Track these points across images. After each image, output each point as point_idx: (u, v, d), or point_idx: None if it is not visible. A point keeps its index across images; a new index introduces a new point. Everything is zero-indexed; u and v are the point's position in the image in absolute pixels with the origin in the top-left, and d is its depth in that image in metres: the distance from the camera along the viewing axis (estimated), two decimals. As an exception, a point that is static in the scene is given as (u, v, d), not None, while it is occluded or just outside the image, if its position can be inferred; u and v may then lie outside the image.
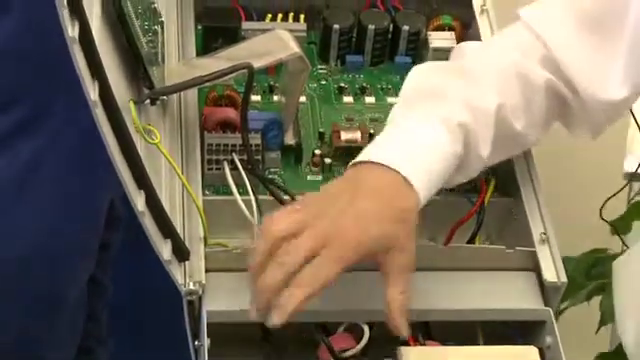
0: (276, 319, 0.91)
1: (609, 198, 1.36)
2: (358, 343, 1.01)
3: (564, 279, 1.04)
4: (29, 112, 1.06)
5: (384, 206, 0.92)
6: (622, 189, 1.44)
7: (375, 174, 0.94)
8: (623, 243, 1.51)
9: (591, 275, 1.38)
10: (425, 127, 0.98)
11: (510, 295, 1.03)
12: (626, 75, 1.02)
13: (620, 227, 1.51)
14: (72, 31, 0.87)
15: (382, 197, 0.93)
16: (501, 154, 1.05)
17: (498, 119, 1.00)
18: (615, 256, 1.48)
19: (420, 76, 1.04)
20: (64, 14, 0.86)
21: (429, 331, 1.04)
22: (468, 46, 1.08)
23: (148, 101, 1.01)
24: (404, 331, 0.93)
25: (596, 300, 1.46)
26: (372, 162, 0.95)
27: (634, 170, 1.40)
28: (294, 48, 1.07)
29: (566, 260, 1.07)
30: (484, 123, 1.00)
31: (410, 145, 0.97)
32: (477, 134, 0.99)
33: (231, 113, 1.09)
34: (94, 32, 0.90)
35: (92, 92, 0.90)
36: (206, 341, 0.98)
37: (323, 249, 0.90)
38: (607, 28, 1.02)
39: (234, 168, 1.08)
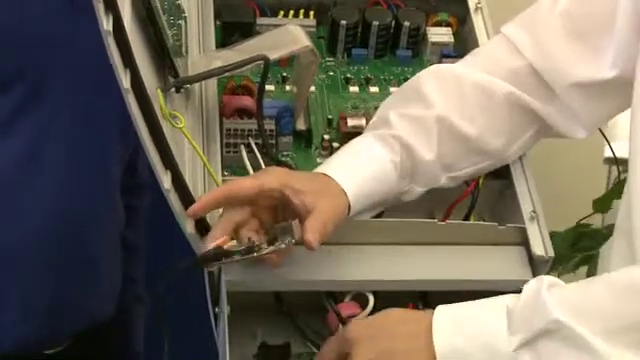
0: None
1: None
2: (363, 310, 1.01)
3: (551, 253, 1.04)
4: (29, 91, 1.05)
5: None
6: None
7: (326, 180, 1.00)
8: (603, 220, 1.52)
9: (576, 248, 1.38)
10: (363, 143, 1.03)
11: (502, 267, 1.04)
12: (615, 58, 1.00)
13: (601, 205, 1.52)
14: (107, 25, 0.87)
15: None
16: (462, 160, 1.05)
17: (441, 127, 1.03)
18: (597, 230, 1.50)
19: (382, 104, 1.08)
20: (99, 8, 0.86)
21: (428, 300, 1.04)
22: (443, 68, 1.08)
23: (173, 89, 1.01)
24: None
25: (582, 270, 1.47)
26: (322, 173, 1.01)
27: (613, 156, 1.41)
28: (305, 42, 1.07)
29: (554, 235, 1.07)
30: (423, 132, 1.03)
31: (346, 157, 1.03)
32: (416, 141, 1.02)
33: (247, 101, 1.09)
34: (126, 26, 0.89)
35: (124, 80, 0.90)
36: (226, 308, 0.99)
37: None
38: (595, 29, 1.02)
39: (250, 151, 1.08)
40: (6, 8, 1.02)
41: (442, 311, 0.91)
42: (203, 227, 0.98)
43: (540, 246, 1.04)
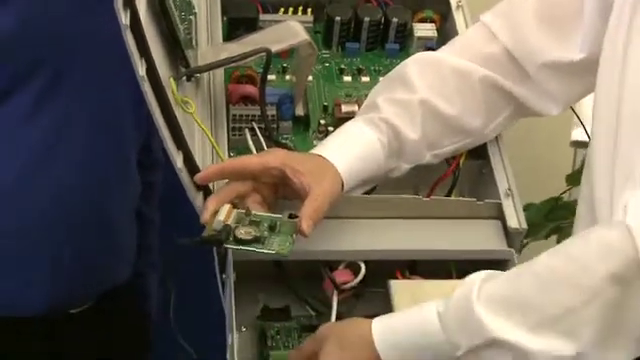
0: None
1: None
2: (356, 277, 1.02)
3: (525, 226, 1.05)
4: (52, 80, 1.06)
5: None
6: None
7: (321, 160, 1.00)
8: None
9: (549, 218, 1.37)
10: (353, 127, 1.04)
11: (480, 239, 1.05)
12: (583, 42, 1.01)
13: (574, 180, 1.50)
14: (125, 19, 0.88)
15: None
16: (445, 139, 1.06)
17: (425, 109, 1.04)
18: (568, 203, 1.49)
19: (372, 91, 1.08)
20: (118, 4, 0.87)
21: (414, 268, 1.05)
22: (425, 55, 1.09)
23: (185, 78, 1.02)
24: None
25: (553, 238, 1.47)
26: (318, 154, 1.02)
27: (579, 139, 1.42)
28: (304, 36, 1.08)
29: (529, 206, 1.07)
30: (408, 114, 1.04)
31: (339, 140, 1.04)
32: (402, 123, 1.03)
33: (251, 89, 1.09)
34: (142, 20, 0.90)
35: (140, 69, 0.91)
36: (232, 275, 1.00)
37: None
38: (565, 15, 1.02)
39: (254, 134, 1.09)
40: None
41: (377, 325, 0.90)
42: (215, 213, 0.97)
43: (514, 220, 1.05)
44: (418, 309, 0.90)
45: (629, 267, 0.82)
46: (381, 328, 0.90)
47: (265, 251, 0.95)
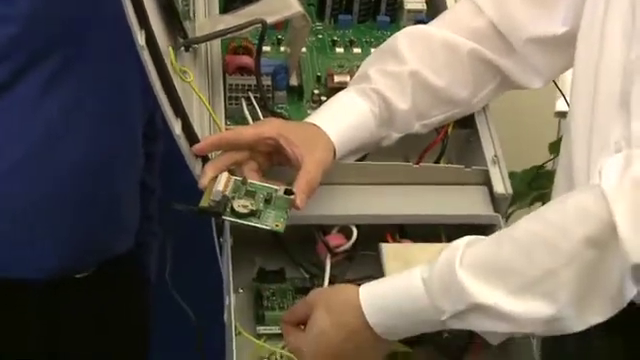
0: None
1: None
2: (348, 241, 1.02)
3: (510, 192, 1.05)
4: (66, 58, 1.07)
5: None
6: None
7: (314, 129, 1.00)
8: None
9: (532, 186, 1.38)
10: (346, 97, 1.04)
11: (467, 204, 1.05)
12: (565, 16, 1.01)
13: (556, 148, 1.47)
14: None
15: None
16: (434, 109, 1.05)
17: (415, 81, 1.03)
18: (551, 172, 1.46)
19: (364, 62, 1.07)
20: None
21: (404, 232, 1.05)
22: (415, 29, 1.08)
23: (183, 48, 1.01)
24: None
25: (537, 205, 1.48)
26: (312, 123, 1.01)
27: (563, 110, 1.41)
28: (297, 8, 1.07)
29: (513, 175, 1.06)
30: (398, 85, 1.03)
31: (332, 109, 1.03)
32: (392, 94, 1.03)
33: (247, 60, 1.09)
34: None
35: (140, 39, 0.90)
36: (229, 239, 1.00)
37: None
38: None
39: (250, 104, 1.08)
40: None
41: (364, 290, 0.89)
42: (214, 179, 0.97)
43: (501, 186, 1.05)
44: (404, 274, 0.89)
45: (604, 230, 0.82)
46: (368, 293, 0.90)
47: (260, 226, 0.95)
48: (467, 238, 0.88)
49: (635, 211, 0.81)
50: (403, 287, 0.89)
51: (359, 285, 0.91)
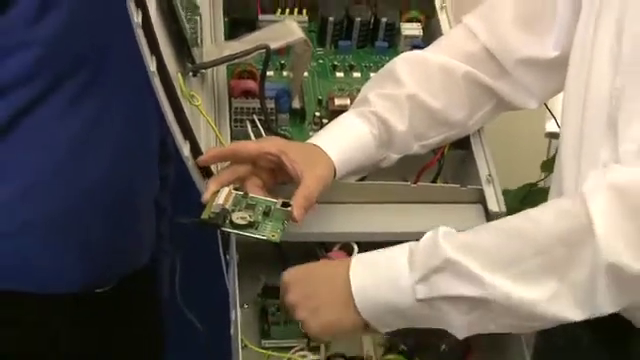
0: None
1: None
2: (349, 257, 0.97)
3: (504, 209, 1.05)
4: (90, 77, 1.06)
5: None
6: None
7: (315, 149, 1.00)
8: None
9: (525, 202, 1.38)
10: (346, 119, 1.04)
11: (463, 222, 1.02)
12: (557, 41, 1.01)
13: (547, 167, 1.51)
14: (137, 18, 0.88)
15: None
16: (432, 130, 1.05)
17: (413, 104, 1.03)
18: (543, 189, 1.48)
19: (364, 87, 1.07)
20: (131, 6, 0.87)
21: None
22: (413, 54, 1.08)
23: (191, 73, 1.02)
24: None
25: None
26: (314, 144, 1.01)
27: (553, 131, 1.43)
28: (300, 34, 1.08)
29: (506, 192, 1.07)
30: (397, 108, 1.03)
31: (333, 131, 1.03)
32: (391, 116, 1.03)
33: (252, 84, 1.09)
34: (152, 20, 0.90)
35: (151, 65, 0.90)
36: (235, 256, 0.99)
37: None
38: (540, 16, 1.02)
39: (254, 126, 1.08)
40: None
41: (357, 257, 0.92)
42: (216, 193, 0.97)
43: (495, 204, 1.05)
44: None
45: (579, 231, 0.83)
46: (361, 255, 0.93)
47: (257, 236, 0.94)
48: (442, 228, 0.89)
49: (611, 212, 0.82)
50: (390, 250, 0.91)
51: None
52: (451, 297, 0.86)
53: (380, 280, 0.89)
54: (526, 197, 1.45)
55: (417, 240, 0.90)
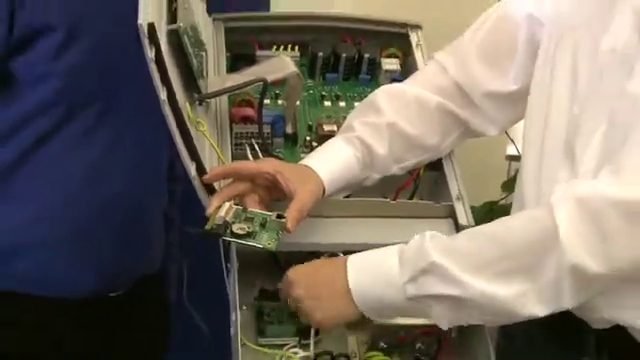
0: None
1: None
2: None
3: (472, 223, 1.09)
4: (104, 107, 1.09)
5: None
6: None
7: (307, 170, 1.04)
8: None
9: (488, 219, 1.45)
10: (334, 143, 1.08)
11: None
12: (516, 76, 1.06)
13: (508, 186, 1.58)
14: (151, 54, 0.93)
15: None
16: (408, 154, 1.10)
17: (392, 130, 1.08)
18: (503, 206, 1.56)
19: (349, 115, 1.12)
20: (145, 42, 0.92)
21: None
22: (392, 87, 1.12)
23: (197, 102, 1.05)
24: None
25: None
26: (305, 165, 1.05)
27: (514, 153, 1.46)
28: (293, 68, 1.13)
29: (473, 209, 1.11)
30: (378, 134, 1.08)
31: (322, 154, 1.08)
32: (373, 141, 1.07)
33: (250, 111, 1.13)
34: (164, 54, 0.94)
35: (162, 95, 0.94)
36: (235, 264, 1.03)
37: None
38: (501, 54, 1.07)
39: (253, 149, 1.12)
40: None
41: (352, 257, 0.97)
42: (218, 207, 1.00)
43: (464, 218, 1.10)
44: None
45: (546, 236, 0.87)
46: (356, 255, 0.96)
47: (254, 244, 0.98)
48: (428, 233, 0.94)
49: (573, 218, 0.86)
50: (382, 251, 0.96)
51: None
52: (436, 295, 0.92)
53: (374, 279, 0.94)
54: (487, 213, 1.49)
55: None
